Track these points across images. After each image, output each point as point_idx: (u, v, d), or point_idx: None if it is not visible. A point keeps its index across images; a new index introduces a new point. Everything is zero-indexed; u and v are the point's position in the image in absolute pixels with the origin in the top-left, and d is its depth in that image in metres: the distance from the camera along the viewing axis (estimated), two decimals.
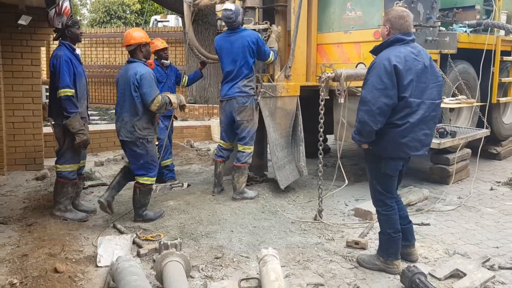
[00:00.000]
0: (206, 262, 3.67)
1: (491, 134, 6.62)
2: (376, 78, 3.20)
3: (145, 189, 4.62)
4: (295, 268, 3.61)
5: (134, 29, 4.80)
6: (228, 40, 5.15)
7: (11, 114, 6.54)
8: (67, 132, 4.53)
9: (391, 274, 3.49)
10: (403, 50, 3.25)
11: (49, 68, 4.57)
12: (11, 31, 6.34)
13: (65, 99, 4.42)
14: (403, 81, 3.18)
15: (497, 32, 6.47)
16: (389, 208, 3.50)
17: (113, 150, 8.29)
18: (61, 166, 4.62)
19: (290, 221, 4.62)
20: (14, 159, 6.62)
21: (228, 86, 5.20)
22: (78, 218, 4.62)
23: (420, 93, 3.27)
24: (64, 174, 4.61)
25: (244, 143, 5.23)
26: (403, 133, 3.27)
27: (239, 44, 5.05)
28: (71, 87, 4.45)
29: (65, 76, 4.41)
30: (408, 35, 3.33)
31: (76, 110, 4.47)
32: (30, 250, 3.77)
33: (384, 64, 3.18)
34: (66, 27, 4.60)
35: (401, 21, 3.32)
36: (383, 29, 3.41)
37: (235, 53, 5.08)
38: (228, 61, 5.15)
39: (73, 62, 4.52)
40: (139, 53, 4.60)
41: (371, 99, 3.21)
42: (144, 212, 4.62)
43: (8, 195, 5.45)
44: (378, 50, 3.37)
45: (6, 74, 6.44)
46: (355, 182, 6.09)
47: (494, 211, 4.98)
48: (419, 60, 3.27)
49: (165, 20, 18.35)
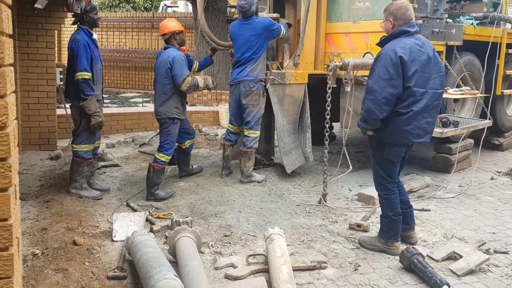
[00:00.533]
0: (216, 240, 3.87)
1: (494, 125, 6.75)
2: (383, 69, 3.35)
3: (158, 168, 4.91)
4: (299, 247, 3.80)
5: (168, 20, 5.25)
6: (241, 27, 5.33)
7: (26, 95, 6.71)
8: (83, 114, 4.71)
9: (391, 255, 3.67)
10: (408, 41, 3.39)
11: (68, 51, 4.73)
12: (27, 14, 6.47)
13: (83, 81, 4.59)
14: (408, 72, 3.33)
15: (504, 25, 6.55)
16: (390, 192, 3.67)
17: (123, 133, 8.48)
18: (77, 146, 4.81)
19: (295, 204, 4.81)
20: (28, 139, 6.82)
21: (238, 70, 5.38)
22: (92, 196, 4.83)
23: (424, 82, 3.42)
24: (80, 154, 4.80)
25: (249, 128, 5.41)
26: (406, 121, 3.43)
27: (252, 32, 5.23)
28: (88, 70, 4.62)
29: (83, 59, 4.58)
30: (412, 27, 3.47)
31: (92, 93, 4.65)
32: (49, 224, 3.99)
33: (390, 55, 3.33)
34: (85, 12, 4.75)
35: (402, 10, 3.46)
36: (387, 24, 3.53)
37: (248, 40, 5.25)
38: (240, 48, 5.33)
39: (90, 47, 4.69)
40: (173, 40, 5.10)
41: (377, 89, 3.36)
42: (156, 191, 4.84)
43: (24, 173, 5.66)
44: (384, 42, 3.52)
45: (21, 56, 6.59)
46: (359, 168, 6.25)
47: (493, 199, 5.15)
48: (423, 51, 3.41)
49: (174, 5, 18.40)
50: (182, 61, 4.94)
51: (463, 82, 6.05)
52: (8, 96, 1.48)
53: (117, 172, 5.89)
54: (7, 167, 1.49)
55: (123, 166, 6.20)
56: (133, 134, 8.35)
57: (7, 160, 1.50)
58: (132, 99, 12.70)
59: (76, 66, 4.60)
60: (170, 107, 4.98)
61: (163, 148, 5.00)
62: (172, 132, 5.05)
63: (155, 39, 14.00)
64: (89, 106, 4.62)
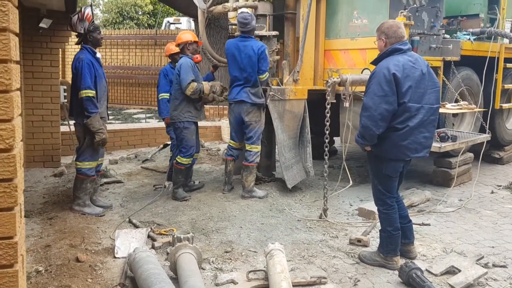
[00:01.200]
0: (217, 256, 3.91)
1: (494, 139, 6.80)
2: (377, 86, 3.43)
3: (177, 168, 5.42)
4: (300, 262, 3.83)
5: (183, 32, 5.68)
6: (237, 46, 5.39)
7: (31, 113, 6.81)
8: (87, 131, 4.79)
9: (390, 270, 3.70)
10: (401, 59, 3.48)
11: (72, 70, 4.84)
12: (32, 33, 6.61)
13: (86, 99, 4.69)
14: (402, 88, 3.40)
15: (501, 40, 6.64)
16: (389, 207, 3.72)
17: (126, 149, 8.57)
18: (80, 163, 4.88)
19: (296, 219, 4.84)
20: (32, 157, 6.90)
21: (237, 90, 5.43)
22: (95, 213, 4.88)
23: (419, 98, 3.49)
24: (84, 171, 4.87)
25: (251, 143, 5.48)
26: (403, 136, 3.49)
27: (246, 53, 5.28)
28: (92, 88, 4.72)
29: (86, 78, 4.69)
30: (404, 45, 3.56)
31: (96, 110, 4.74)
32: (52, 241, 4.04)
33: (383, 73, 3.42)
34: (88, 32, 4.87)
35: (394, 29, 3.56)
36: (380, 43, 3.63)
37: (242, 60, 5.32)
38: (235, 67, 5.41)
39: (94, 65, 4.80)
40: (186, 50, 5.47)
41: (372, 106, 3.44)
42: (175, 189, 5.39)
43: (29, 191, 5.72)
44: (378, 60, 3.61)
45: (26, 74, 6.71)
46: (360, 183, 6.29)
47: (493, 213, 5.17)
48: (417, 67, 3.49)
49: (177, 22, 18.65)
50: (188, 66, 5.26)
51: (461, 97, 6.12)
52: (15, 119, 1.56)
53: (119, 189, 5.95)
54: (13, 187, 1.55)
55: (125, 182, 6.27)
56: (136, 150, 8.43)
57: (13, 181, 1.56)
58: (135, 115, 12.82)
59: (80, 85, 4.70)
60: (183, 111, 5.37)
61: (181, 152, 5.46)
62: (186, 136, 5.41)
63: (158, 56, 14.19)
64: (93, 123, 4.71)
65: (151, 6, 24.70)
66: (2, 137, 1.51)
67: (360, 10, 5.49)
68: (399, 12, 5.10)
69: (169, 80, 6.14)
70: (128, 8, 24.53)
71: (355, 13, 5.53)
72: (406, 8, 5.21)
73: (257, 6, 5.60)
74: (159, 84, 6.27)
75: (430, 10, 5.68)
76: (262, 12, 5.62)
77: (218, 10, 5.80)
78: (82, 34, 4.88)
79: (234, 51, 5.39)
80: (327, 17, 5.86)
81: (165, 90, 6.15)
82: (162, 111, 6.19)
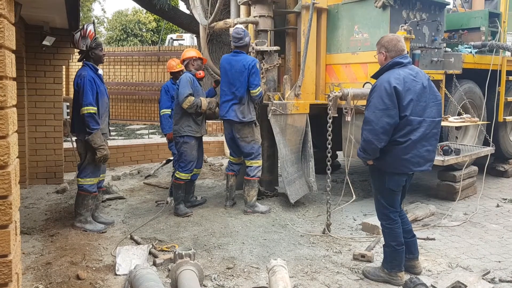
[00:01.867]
0: (218, 272, 3.86)
1: (498, 152, 6.75)
2: (378, 100, 3.42)
3: (176, 184, 5.45)
4: (303, 279, 3.78)
5: (188, 49, 5.73)
6: (230, 61, 5.38)
7: (34, 129, 6.85)
8: (88, 147, 4.79)
9: (395, 286, 3.64)
10: (402, 72, 3.47)
11: (73, 87, 4.85)
12: (35, 51, 6.67)
13: (88, 116, 4.69)
14: (403, 101, 3.39)
15: (503, 52, 6.64)
16: (392, 222, 3.67)
17: (129, 165, 8.57)
18: (82, 179, 4.87)
19: (299, 234, 4.80)
20: (35, 173, 6.91)
21: (226, 106, 5.40)
22: (97, 230, 4.85)
23: (421, 111, 3.47)
24: (85, 187, 4.86)
25: (250, 159, 5.45)
26: (405, 150, 3.46)
27: (238, 68, 5.27)
28: (93, 105, 4.73)
29: (88, 94, 4.70)
30: (404, 58, 3.56)
31: (97, 127, 4.74)
32: (53, 258, 4.01)
33: (384, 86, 3.41)
34: (90, 49, 4.89)
35: (393, 42, 3.57)
36: (380, 56, 3.64)
37: (232, 75, 5.32)
38: (225, 81, 5.42)
39: (96, 82, 4.81)
40: (191, 66, 5.57)
41: (374, 119, 3.42)
42: (177, 206, 5.39)
43: (31, 207, 5.71)
44: (379, 74, 3.61)
45: (30, 91, 6.76)
46: (364, 197, 6.24)
47: (498, 227, 5.10)
48: (418, 80, 3.48)
49: (180, 38, 18.81)
50: (186, 81, 5.33)
51: (464, 110, 6.09)
52: (10, 136, 1.55)
53: (121, 205, 5.93)
54: (7, 204, 1.54)
55: (128, 198, 6.24)
56: (139, 166, 8.42)
57: (8, 198, 1.55)
58: (139, 131, 12.85)
59: (82, 101, 4.70)
60: (182, 125, 5.41)
61: (179, 166, 5.50)
62: (185, 150, 5.43)
63: (161, 72, 14.28)
64: (94, 139, 4.70)
65: (154, 23, 25.01)
66: None
67: (361, 24, 5.51)
68: (399, 26, 5.11)
69: (170, 96, 6.17)
70: (132, 25, 24.84)
71: (356, 27, 5.54)
72: (406, 22, 5.22)
73: (258, 21, 5.63)
74: (160, 100, 6.30)
75: (431, 24, 5.69)
76: (263, 27, 5.65)
77: (219, 26, 5.83)
78: (84, 51, 4.90)
79: (226, 66, 5.40)
80: (328, 32, 5.88)
81: (167, 106, 6.18)
82: (164, 126, 6.21)
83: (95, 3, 25.54)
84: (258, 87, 5.28)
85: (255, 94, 5.29)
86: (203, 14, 6.03)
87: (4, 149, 1.51)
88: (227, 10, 6.95)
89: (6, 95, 1.50)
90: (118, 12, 26.41)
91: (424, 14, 5.61)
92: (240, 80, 5.26)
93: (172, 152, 6.30)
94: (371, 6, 5.37)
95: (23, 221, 5.10)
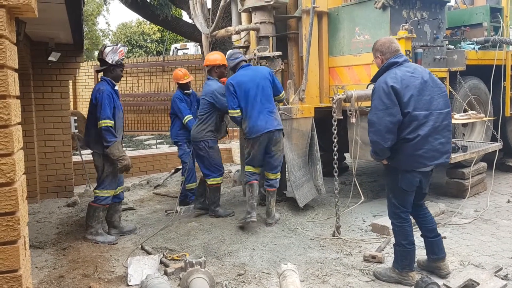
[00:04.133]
0: (230, 279, 3.87)
1: (507, 147, 6.70)
2: (378, 101, 3.46)
3: (213, 188, 5.51)
4: (314, 282, 3.78)
5: (212, 53, 5.65)
6: (243, 76, 5.29)
7: (43, 144, 6.93)
8: (106, 160, 4.88)
9: (406, 286, 3.63)
10: (398, 71, 3.50)
11: (91, 101, 4.95)
12: (41, 66, 6.78)
13: (105, 129, 4.77)
14: (403, 98, 3.41)
15: (507, 47, 6.61)
16: (403, 221, 3.67)
17: (138, 176, 8.62)
18: (99, 191, 4.95)
19: (309, 238, 4.80)
20: (46, 188, 6.98)
21: (263, 118, 5.17)
22: (108, 241, 4.90)
23: (426, 105, 3.47)
24: (100, 199, 4.93)
25: (277, 171, 5.32)
26: (417, 145, 3.45)
27: (259, 78, 5.19)
28: (111, 118, 4.82)
29: (106, 108, 4.79)
30: (400, 57, 3.59)
31: (114, 139, 4.80)
32: (66, 271, 4.05)
33: (382, 87, 3.45)
34: (115, 65, 4.99)
35: (387, 45, 3.62)
36: (377, 61, 3.70)
37: (256, 86, 5.19)
38: (250, 95, 5.17)
39: (113, 97, 4.93)
40: (214, 72, 5.54)
41: (376, 120, 3.45)
42: (216, 208, 5.50)
43: (43, 222, 5.77)
44: (376, 77, 3.64)
45: (37, 107, 6.85)
46: (373, 198, 6.23)
47: (510, 223, 5.06)
48: (416, 76, 3.50)
49: (184, 48, 18.93)
50: (228, 90, 5.19)
51: (470, 107, 6.07)
52: (15, 153, 1.58)
53: (132, 216, 5.97)
54: (15, 220, 1.57)
55: (138, 209, 6.29)
56: (148, 176, 8.47)
57: (15, 214, 1.58)
58: (146, 141, 12.93)
59: (100, 114, 4.80)
60: (205, 130, 5.47)
61: (210, 172, 5.53)
62: (212, 154, 5.50)
63: (167, 82, 14.37)
64: (113, 152, 4.78)
65: (159, 34, 25.20)
66: (3, 171, 1.53)
67: (362, 26, 5.52)
68: (400, 26, 5.12)
69: (186, 103, 6.21)
70: (136, 36, 25.04)
71: (357, 29, 5.56)
72: (407, 22, 5.23)
73: (259, 28, 5.66)
74: (180, 109, 6.18)
75: (432, 22, 5.69)
76: (264, 33, 5.68)
77: (221, 34, 5.87)
78: (107, 64, 4.97)
79: (242, 80, 5.18)
80: (330, 35, 5.91)
81: (188, 113, 6.19)
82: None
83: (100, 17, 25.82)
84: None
85: (282, 97, 5.37)
86: (205, 23, 6.07)
87: (10, 166, 1.55)
88: (228, 18, 6.99)
89: (10, 113, 1.54)
90: (123, 25, 26.67)
91: (424, 12, 5.62)
92: (267, 87, 5.13)
93: (182, 160, 6.30)
94: (371, 8, 5.39)
95: (35, 235, 5.16)
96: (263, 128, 5.06)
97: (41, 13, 3.79)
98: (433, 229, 3.77)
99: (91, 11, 22.52)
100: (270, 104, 5.15)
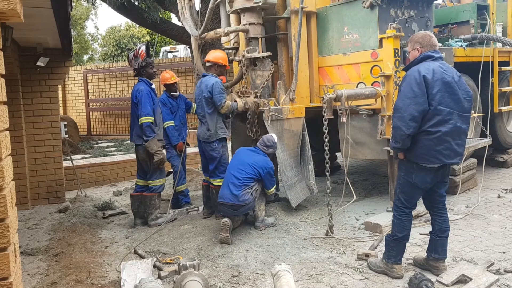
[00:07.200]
0: (224, 281, 3.87)
1: (496, 143, 6.75)
2: (407, 88, 3.50)
3: (218, 189, 5.29)
4: (308, 282, 3.78)
5: (215, 50, 5.72)
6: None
7: (33, 150, 6.87)
8: (149, 152, 5.30)
9: (392, 278, 3.70)
10: (432, 64, 3.53)
11: (132, 100, 5.37)
12: (30, 72, 6.73)
13: (146, 125, 5.25)
14: (432, 90, 3.44)
15: (494, 44, 6.67)
16: (404, 215, 3.73)
17: (130, 180, 8.57)
18: (153, 181, 5.44)
19: (302, 238, 4.80)
20: (37, 194, 6.93)
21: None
22: (169, 218, 5.52)
23: (452, 104, 3.48)
24: (155, 188, 5.48)
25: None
26: (436, 141, 3.48)
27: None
28: (151, 115, 5.26)
29: (146, 106, 5.23)
30: (436, 53, 3.62)
31: (153, 135, 5.28)
32: (59, 278, 4.02)
33: (414, 75, 3.49)
34: (141, 67, 5.40)
35: (427, 38, 3.66)
36: (414, 52, 3.69)
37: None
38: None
39: (152, 95, 5.32)
40: (214, 70, 5.54)
41: (402, 106, 3.50)
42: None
43: (34, 228, 5.72)
44: (410, 66, 3.67)
45: (27, 113, 6.80)
46: (365, 197, 6.25)
47: (501, 217, 5.11)
48: (448, 74, 3.53)
49: (174, 50, 18.88)
50: (220, 88, 5.31)
51: None
52: (3, 160, 1.57)
53: (124, 220, 5.94)
54: (5, 227, 1.56)
55: (130, 213, 6.23)
56: None
57: (4, 221, 1.57)
58: None
59: (140, 112, 5.20)
60: (217, 128, 5.40)
61: (219, 172, 5.45)
62: (224, 153, 5.48)
63: (157, 85, 14.29)
64: (151, 146, 5.22)
65: (148, 37, 25.11)
66: None
67: (350, 26, 5.54)
68: (388, 24, 5.14)
69: (168, 108, 6.15)
70: (125, 40, 24.95)
71: (346, 29, 5.58)
72: (395, 20, 5.25)
73: (248, 29, 5.67)
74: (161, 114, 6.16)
75: (420, 21, 5.72)
76: (253, 35, 5.68)
77: (210, 36, 5.86)
78: (136, 69, 5.43)
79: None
80: (319, 35, 5.91)
81: (169, 118, 6.12)
82: (172, 137, 6.08)
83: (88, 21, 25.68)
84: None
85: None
86: (194, 25, 6.05)
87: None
88: (217, 20, 6.98)
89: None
90: (111, 28, 26.59)
91: (412, 11, 5.65)
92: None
93: (171, 164, 6.27)
94: (359, 7, 5.40)
95: (27, 242, 5.11)
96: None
97: (28, 18, 3.76)
98: (445, 230, 3.79)
99: (79, 15, 22.39)
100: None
